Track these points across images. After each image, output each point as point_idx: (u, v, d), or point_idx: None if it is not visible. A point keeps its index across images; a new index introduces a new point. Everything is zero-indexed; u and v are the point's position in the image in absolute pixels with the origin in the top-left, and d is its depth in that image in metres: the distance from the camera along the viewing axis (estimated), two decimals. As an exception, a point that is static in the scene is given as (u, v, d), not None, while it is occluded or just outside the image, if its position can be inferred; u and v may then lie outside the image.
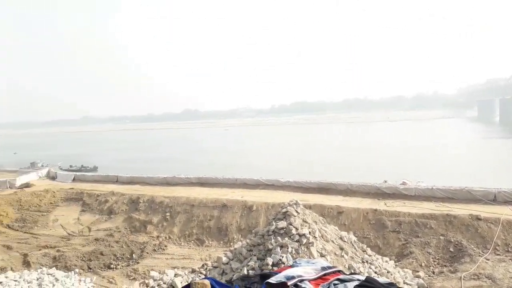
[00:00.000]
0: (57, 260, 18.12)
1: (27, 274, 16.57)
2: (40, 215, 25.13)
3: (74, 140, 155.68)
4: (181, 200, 23.94)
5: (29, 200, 27.17)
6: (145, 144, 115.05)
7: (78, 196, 27.70)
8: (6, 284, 15.45)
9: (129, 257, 18.50)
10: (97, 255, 18.50)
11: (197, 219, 22.09)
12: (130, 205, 24.96)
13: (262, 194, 24.62)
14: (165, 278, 12.34)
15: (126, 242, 20.10)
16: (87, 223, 23.90)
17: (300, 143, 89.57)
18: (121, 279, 16.38)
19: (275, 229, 11.14)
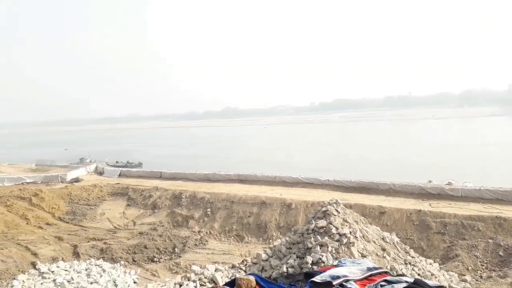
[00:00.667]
0: (104, 252, 19.00)
1: (76, 265, 17.53)
2: (88, 209, 26.47)
3: (121, 137, 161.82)
4: (222, 196, 24.38)
5: (79, 194, 28.69)
6: (187, 141, 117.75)
7: (124, 191, 28.92)
8: (58, 274, 16.42)
9: (172, 251, 19.09)
10: (141, 248, 19.23)
11: (237, 216, 22.43)
12: (173, 200, 25.73)
13: (301, 192, 24.58)
14: (206, 273, 12.63)
15: (169, 236, 20.77)
16: (132, 217, 24.90)
17: (340, 141, 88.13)
18: (164, 272, 16.97)
19: (315, 228, 11.12)
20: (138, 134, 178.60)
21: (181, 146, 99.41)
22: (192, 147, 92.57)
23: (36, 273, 16.73)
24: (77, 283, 15.32)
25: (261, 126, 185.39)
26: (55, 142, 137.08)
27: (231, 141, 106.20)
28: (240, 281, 5.08)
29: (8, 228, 22.70)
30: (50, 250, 19.28)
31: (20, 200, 27.18)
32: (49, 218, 24.95)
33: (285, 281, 6.52)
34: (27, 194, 28.08)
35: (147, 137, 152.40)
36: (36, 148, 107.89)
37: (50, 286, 15.23)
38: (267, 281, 6.14)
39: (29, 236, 21.53)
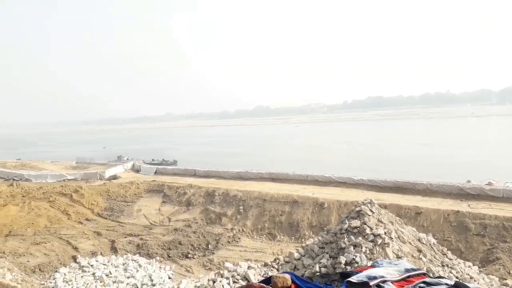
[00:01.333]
0: (140, 248, 19.59)
1: (114, 259, 18.20)
2: (125, 205, 27.33)
3: (156, 135, 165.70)
4: (254, 195, 24.54)
5: (116, 191, 29.68)
6: (220, 139, 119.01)
7: (160, 188, 29.66)
8: (97, 267, 17.11)
9: (205, 248, 19.42)
10: (176, 244, 19.68)
11: (269, 214, 22.50)
12: (206, 198, 26.15)
13: (334, 191, 24.34)
14: (239, 270, 12.76)
15: (203, 233, 21.14)
16: (167, 213, 25.50)
17: (374, 139, 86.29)
18: (198, 268, 17.30)
19: (348, 228, 11.00)
20: (172, 132, 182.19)
21: (214, 144, 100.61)
22: (224, 146, 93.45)
23: (76, 267, 17.51)
24: (114, 277, 15.90)
25: (292, 125, 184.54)
26: (94, 140, 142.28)
27: (263, 140, 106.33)
28: (276, 279, 5.11)
29: (51, 223, 23.83)
30: (90, 245, 20.08)
31: (62, 196, 28.48)
32: (89, 214, 25.99)
33: (321, 281, 6.48)
34: (68, 191, 29.38)
35: (181, 135, 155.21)
36: (76, 147, 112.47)
37: (89, 280, 15.88)
38: (303, 280, 6.12)
39: (70, 231, 22.52)
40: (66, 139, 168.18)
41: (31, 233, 22.04)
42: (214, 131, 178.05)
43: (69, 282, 15.67)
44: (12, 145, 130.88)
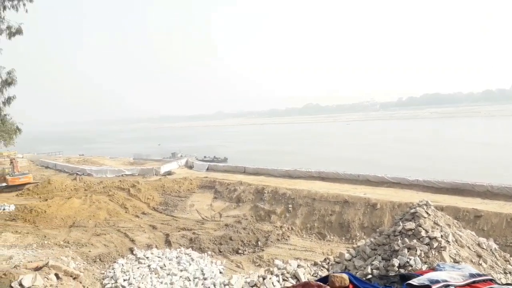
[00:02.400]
0: (193, 242, 20.16)
1: (168, 252, 18.87)
2: (179, 200, 28.30)
3: (208, 133, 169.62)
4: (303, 193, 24.42)
5: (171, 186, 30.82)
6: (268, 137, 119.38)
7: (211, 184, 30.40)
8: (152, 260, 17.84)
9: (255, 244, 19.62)
10: (227, 240, 20.06)
11: (319, 213, 22.30)
12: (256, 195, 26.41)
13: (386, 192, 23.62)
14: (289, 268, 12.79)
15: (252, 229, 21.39)
16: (218, 209, 26.08)
17: (431, 138, 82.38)
18: (248, 264, 17.51)
19: (402, 230, 10.66)
20: (222, 130, 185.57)
21: (263, 142, 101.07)
22: (273, 144, 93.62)
23: (133, 258, 18.37)
24: (168, 270, 16.51)
25: (343, 123, 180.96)
26: (150, 138, 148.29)
27: (312, 138, 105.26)
28: (334, 278, 5.06)
29: (110, 216, 25.24)
30: (145, 238, 20.99)
31: (120, 191, 30.07)
32: (145, 208, 27.21)
33: (380, 282, 6.28)
34: (126, 185, 30.98)
35: (231, 133, 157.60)
36: (133, 144, 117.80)
37: (145, 271, 16.60)
38: (361, 280, 5.98)
39: (128, 224, 23.69)
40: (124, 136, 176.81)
41: (92, 224, 23.48)
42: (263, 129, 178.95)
43: (126, 272, 16.45)
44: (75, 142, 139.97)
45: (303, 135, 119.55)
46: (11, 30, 17.16)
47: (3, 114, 18.31)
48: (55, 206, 25.93)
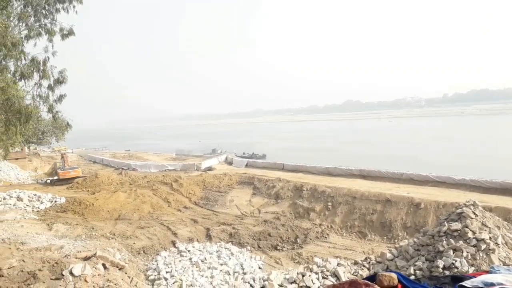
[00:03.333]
0: (233, 236, 20.45)
1: (209, 246, 19.26)
2: (219, 195, 28.79)
3: (247, 130, 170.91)
4: (343, 191, 24.10)
5: (211, 182, 31.40)
6: (308, 134, 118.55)
7: (250, 180, 30.67)
8: (193, 253, 18.28)
9: (294, 241, 19.62)
10: (266, 235, 20.19)
11: (359, 212, 21.93)
12: (294, 192, 26.37)
13: (431, 191, 22.82)
14: (328, 266, 12.71)
15: (291, 226, 21.39)
16: (257, 205, 26.29)
17: (478, 136, 78.45)
18: (287, 261, 17.56)
19: (448, 231, 10.31)
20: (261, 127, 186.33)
21: (301, 139, 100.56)
22: (312, 141, 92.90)
23: (175, 251, 18.91)
24: (209, 263, 16.87)
25: (385, 120, 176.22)
26: (190, 134, 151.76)
27: (352, 135, 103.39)
28: (382, 277, 4.98)
29: (153, 209, 26.11)
30: (187, 231, 21.52)
31: (163, 185, 31.00)
32: (186, 202, 27.91)
33: (429, 282, 6.09)
34: (168, 180, 31.90)
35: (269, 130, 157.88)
36: (175, 140, 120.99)
37: (186, 264, 17.04)
38: (411, 280, 5.82)
39: (170, 217, 24.39)
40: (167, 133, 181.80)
41: (136, 217, 24.39)
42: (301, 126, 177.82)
43: (168, 265, 16.97)
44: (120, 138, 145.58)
45: (342, 132, 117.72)
46: (63, 32, 18.09)
47: (55, 111, 19.28)
48: (102, 199, 27.17)
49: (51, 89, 18.45)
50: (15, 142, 24.09)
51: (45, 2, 17.70)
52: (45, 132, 48.85)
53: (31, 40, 18.09)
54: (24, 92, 18.26)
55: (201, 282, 14.85)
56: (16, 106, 17.07)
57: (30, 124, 18.57)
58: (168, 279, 15.37)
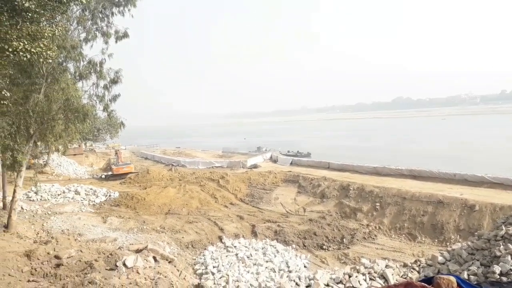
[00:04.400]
0: (278, 234, 20.57)
1: (254, 243, 19.51)
2: (264, 193, 29.02)
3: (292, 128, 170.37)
4: (392, 192, 23.46)
5: (256, 179, 31.73)
6: (354, 133, 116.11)
7: (295, 178, 30.64)
8: (239, 249, 18.59)
9: (340, 241, 19.41)
10: (311, 234, 20.13)
11: (409, 213, 21.26)
12: (340, 191, 26.03)
13: (487, 193, 21.64)
14: (376, 268, 12.47)
15: (337, 226, 21.16)
16: (302, 203, 26.23)
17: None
18: (333, 260, 17.41)
19: (505, 235, 9.79)
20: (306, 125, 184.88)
21: (347, 137, 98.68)
22: (358, 139, 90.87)
23: (222, 246, 19.34)
24: (255, 260, 17.10)
25: (437, 118, 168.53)
26: (236, 132, 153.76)
27: (402, 134, 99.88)
28: (440, 280, 4.90)
29: (201, 205, 26.83)
30: (233, 227, 21.94)
31: (211, 182, 31.75)
32: (233, 198, 28.42)
33: None
34: (216, 177, 32.62)
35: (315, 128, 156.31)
36: (221, 138, 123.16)
37: (233, 259, 17.38)
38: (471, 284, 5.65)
39: (217, 213, 24.97)
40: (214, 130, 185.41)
41: (185, 212, 25.19)
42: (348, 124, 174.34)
43: (216, 259, 17.40)
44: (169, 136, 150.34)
45: (391, 131, 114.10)
46: (118, 34, 19.06)
47: (109, 110, 20.31)
48: (153, 194, 28.32)
49: (107, 89, 19.53)
50: (74, 139, 25.68)
51: (102, 6, 18.71)
52: (100, 130, 51.67)
53: (89, 42, 19.26)
54: (82, 92, 19.48)
55: (247, 278, 15.10)
56: (75, 105, 18.22)
57: (87, 122, 19.63)
58: (215, 274, 15.78)
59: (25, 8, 10.71)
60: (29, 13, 11.14)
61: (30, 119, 17.19)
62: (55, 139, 20.04)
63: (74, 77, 19.15)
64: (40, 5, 11.21)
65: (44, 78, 17.11)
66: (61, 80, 17.85)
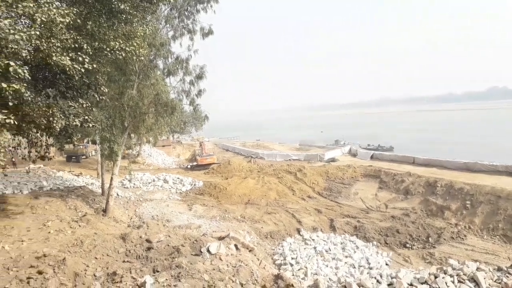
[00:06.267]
0: (357, 230, 20.15)
1: (333, 237, 19.36)
2: (343, 187, 28.52)
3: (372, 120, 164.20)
4: (485, 189, 21.63)
5: (334, 173, 31.27)
6: (442, 126, 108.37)
7: (376, 173, 29.61)
8: (317, 242, 18.59)
9: (425, 240, 18.45)
10: (393, 232, 19.38)
11: (505, 213, 19.44)
12: (426, 188, 24.62)
13: None
14: (466, 270, 11.64)
15: (422, 224, 20.10)
16: (383, 200, 25.30)
17: None
18: (417, 260, 16.64)
19: None
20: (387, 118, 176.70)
21: (434, 131, 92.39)
22: (446, 133, 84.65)
23: (300, 238, 19.50)
24: (333, 254, 17.01)
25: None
26: (313, 125, 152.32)
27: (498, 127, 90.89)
28: None
29: (279, 196, 27.21)
30: (311, 220, 21.95)
31: (288, 174, 32.00)
32: (310, 192, 28.38)
33: None
34: (293, 169, 32.80)
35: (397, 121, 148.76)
36: (298, 130, 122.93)
37: (311, 252, 17.46)
38: None
39: (294, 206, 25.15)
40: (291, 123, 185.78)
41: (264, 203, 25.76)
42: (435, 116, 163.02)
43: (294, 251, 17.62)
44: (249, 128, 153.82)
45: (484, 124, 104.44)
46: (203, 31, 19.95)
47: (195, 104, 21.44)
48: (233, 185, 29.37)
49: (193, 84, 20.62)
50: (163, 132, 27.56)
51: (187, 3, 19.69)
52: (186, 123, 54.67)
53: (177, 40, 20.46)
54: (170, 88, 20.82)
55: (325, 272, 15.10)
56: (164, 100, 19.57)
57: (175, 115, 20.91)
58: (294, 265, 16.01)
59: (120, 10, 11.75)
60: (124, 14, 12.23)
61: (124, 112, 18.83)
62: (146, 131, 21.77)
63: (163, 73, 20.53)
64: (133, 7, 12.21)
65: (136, 74, 18.63)
66: (152, 76, 19.30)
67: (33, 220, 15.72)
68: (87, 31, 11.36)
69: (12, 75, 8.07)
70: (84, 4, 11.50)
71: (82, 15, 11.14)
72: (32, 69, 9.72)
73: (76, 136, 14.84)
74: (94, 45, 11.00)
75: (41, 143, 14.32)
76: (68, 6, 10.34)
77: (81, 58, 10.01)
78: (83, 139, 29.82)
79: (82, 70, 10.09)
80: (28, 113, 10.01)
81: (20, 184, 22.36)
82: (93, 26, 11.39)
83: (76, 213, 18.12)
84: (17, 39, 8.05)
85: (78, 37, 10.54)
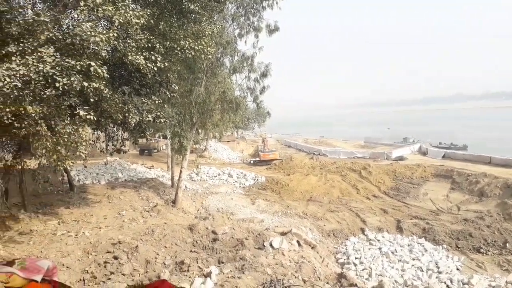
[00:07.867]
0: (426, 232, 19.14)
1: (399, 239, 18.61)
2: (411, 187, 27.30)
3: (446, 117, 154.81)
4: None
5: (403, 172, 30.03)
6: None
7: (448, 173, 27.98)
8: (383, 243, 18.00)
9: (502, 246, 17.08)
10: (466, 235, 18.18)
11: None
12: (504, 190, 22.80)
13: None
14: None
15: (499, 229, 18.61)
16: (455, 201, 23.83)
17: None
18: (492, 266, 15.49)
19: None
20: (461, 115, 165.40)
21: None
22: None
23: (364, 238, 19.01)
24: (400, 256, 16.38)
25: None
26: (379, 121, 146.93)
27: None
28: None
29: (342, 195, 26.76)
30: (376, 220, 21.30)
31: (352, 172, 31.33)
32: (375, 191, 27.54)
33: None
34: (357, 167, 32.04)
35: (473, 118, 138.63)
36: (363, 127, 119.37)
37: (376, 253, 16.96)
38: None
39: (359, 205, 24.56)
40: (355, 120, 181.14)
41: (326, 201, 25.47)
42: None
43: (358, 251, 17.24)
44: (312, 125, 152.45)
45: None
46: (269, 28, 20.08)
47: (258, 101, 21.76)
48: (295, 181, 29.40)
49: (257, 81, 20.92)
50: (228, 127, 28.34)
51: (253, 1, 19.88)
52: (249, 119, 55.74)
53: (243, 38, 20.80)
54: (235, 85, 21.34)
55: (391, 274, 14.64)
56: (229, 97, 20.11)
57: (239, 112, 21.42)
58: (357, 265, 15.70)
59: (190, 9, 12.27)
60: (193, 14, 12.75)
61: (193, 109, 19.67)
62: (213, 127, 22.60)
63: (229, 71, 21.08)
64: (202, 6, 12.69)
65: (204, 72, 19.34)
66: (218, 74, 19.91)
67: (109, 209, 17.09)
68: (159, 31, 12.00)
69: (92, 74, 8.78)
70: (157, 5, 12.16)
71: (155, 16, 11.78)
72: (110, 68, 10.47)
73: (149, 131, 15.77)
74: (165, 45, 11.58)
75: (117, 137, 15.49)
76: (142, 7, 10.98)
77: (154, 57, 10.60)
78: (155, 134, 31.62)
79: (154, 69, 10.68)
80: (106, 109, 10.83)
81: (98, 175, 24.38)
82: (165, 26, 12.01)
83: (148, 204, 19.35)
84: (97, 40, 8.76)
85: (151, 37, 11.16)
